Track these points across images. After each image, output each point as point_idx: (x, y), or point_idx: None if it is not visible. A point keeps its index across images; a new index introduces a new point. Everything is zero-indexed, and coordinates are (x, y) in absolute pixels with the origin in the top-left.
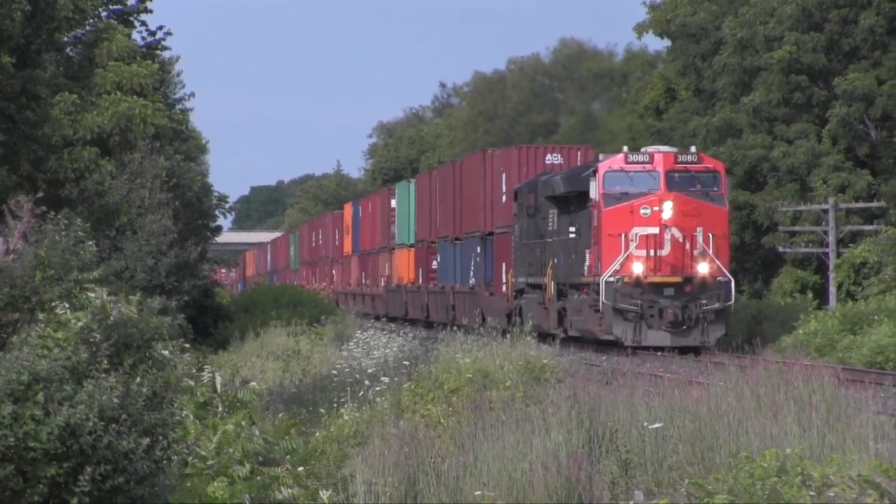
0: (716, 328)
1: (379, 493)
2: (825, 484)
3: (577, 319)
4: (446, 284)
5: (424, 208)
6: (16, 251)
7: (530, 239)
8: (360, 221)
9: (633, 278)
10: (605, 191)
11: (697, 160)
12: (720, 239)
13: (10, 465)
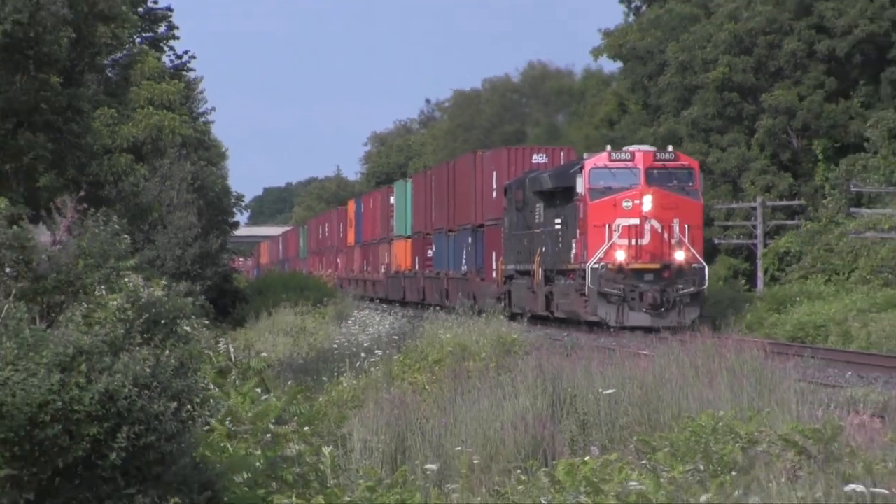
0: (691, 310)
1: (373, 448)
2: (752, 441)
3: (563, 302)
4: (441, 271)
5: (420, 204)
6: (61, 242)
7: (519, 230)
8: (362, 216)
9: (616, 265)
10: (590, 185)
11: (674, 158)
12: (695, 229)
13: (59, 425)
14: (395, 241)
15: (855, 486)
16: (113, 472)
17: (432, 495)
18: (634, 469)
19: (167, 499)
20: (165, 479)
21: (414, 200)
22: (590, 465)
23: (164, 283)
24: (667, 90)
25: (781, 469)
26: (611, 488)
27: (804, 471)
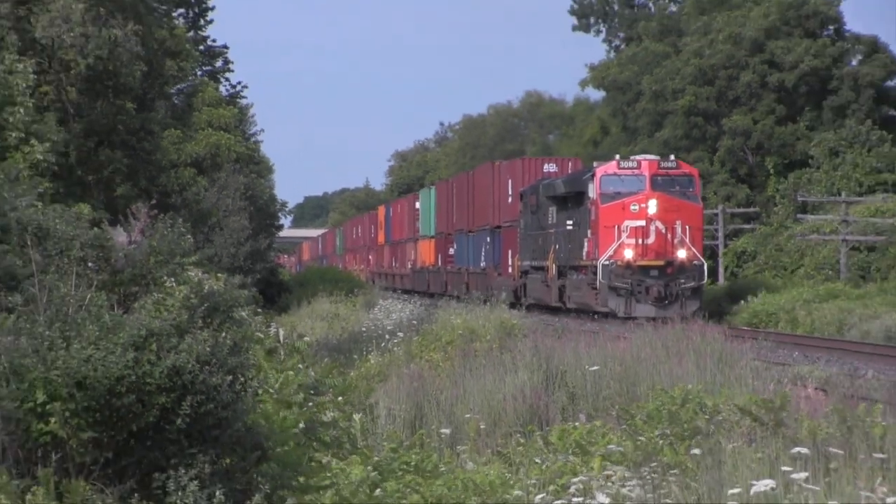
0: (692, 302)
1: (395, 415)
2: (715, 411)
3: (575, 294)
4: (462, 266)
5: (443, 208)
6: (136, 242)
7: (533, 230)
8: (391, 219)
9: (624, 262)
10: (601, 191)
11: (676, 166)
12: (695, 230)
13: (133, 395)
14: (421, 240)
15: (800, 448)
16: (178, 435)
17: (445, 455)
18: (615, 433)
19: (223, 457)
20: (222, 441)
21: (437, 205)
22: (579, 430)
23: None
24: (642, 115)
25: (739, 434)
26: (596, 449)
27: (758, 435)
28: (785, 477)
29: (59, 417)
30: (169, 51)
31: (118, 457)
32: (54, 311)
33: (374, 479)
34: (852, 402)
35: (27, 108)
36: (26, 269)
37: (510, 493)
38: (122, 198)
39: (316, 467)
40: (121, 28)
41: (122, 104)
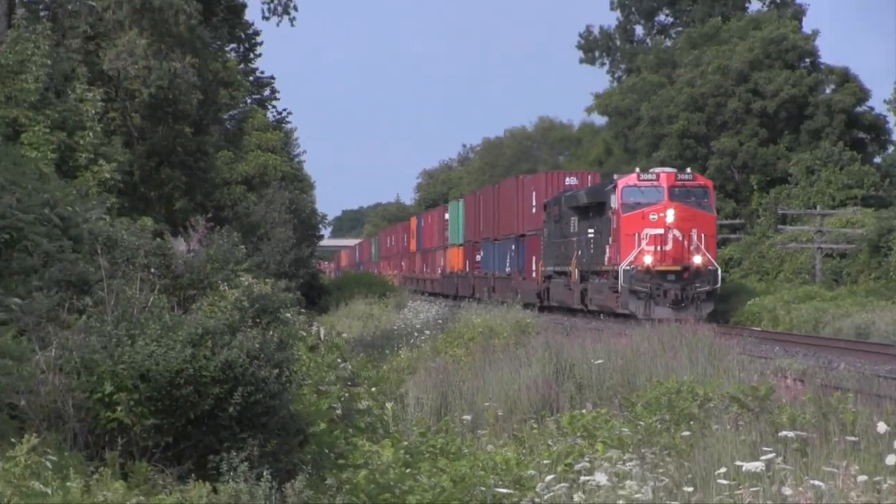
0: (707, 305)
1: (423, 404)
2: (706, 399)
3: (597, 297)
4: (488, 272)
5: (471, 218)
6: (194, 251)
7: (556, 238)
8: (422, 229)
9: (644, 267)
10: (622, 201)
11: (692, 178)
12: (710, 238)
13: (190, 386)
14: (450, 248)
15: (782, 432)
16: (230, 421)
17: (467, 439)
18: (618, 419)
19: (270, 441)
20: (269, 427)
21: (465, 216)
22: (586, 416)
23: (269, 281)
24: (641, 138)
25: (728, 419)
26: (601, 433)
27: (744, 420)
28: (767, 457)
29: (124, 406)
30: (222, 81)
31: (177, 441)
32: (121, 312)
33: (404, 461)
34: (827, 391)
35: (96, 132)
36: (96, 275)
37: (525, 472)
38: (181, 211)
39: (352, 450)
40: (179, 61)
41: (181, 128)
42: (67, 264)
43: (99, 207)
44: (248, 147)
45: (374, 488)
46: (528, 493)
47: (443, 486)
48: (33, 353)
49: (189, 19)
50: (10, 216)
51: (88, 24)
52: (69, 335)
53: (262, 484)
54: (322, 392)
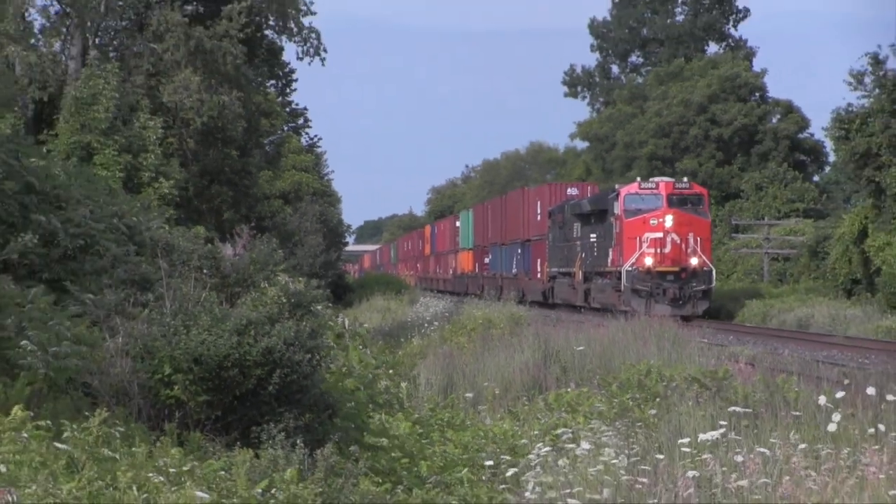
0: (702, 303)
1: (432, 383)
2: (671, 380)
3: (600, 296)
4: (496, 273)
5: (480, 226)
6: (239, 255)
7: (560, 243)
8: (436, 235)
9: (645, 268)
10: (625, 207)
11: (689, 187)
12: (705, 241)
13: (236, 368)
14: (461, 251)
15: (735, 408)
16: (270, 398)
17: (469, 413)
18: (597, 397)
19: (303, 415)
20: (303, 403)
21: (474, 223)
22: (569, 394)
23: (302, 280)
24: (616, 160)
25: (689, 397)
26: (583, 409)
27: (704, 398)
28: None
29: (181, 385)
30: (263, 111)
31: (225, 415)
32: (178, 306)
33: (417, 432)
34: (774, 373)
35: (157, 154)
36: (156, 275)
37: (518, 441)
38: (228, 221)
39: (374, 423)
40: (227, 95)
41: (228, 151)
42: (132, 266)
43: (159, 218)
44: (284, 167)
45: (393, 454)
46: (522, 458)
47: (451, 454)
48: (104, 341)
49: (235, 60)
50: (85, 225)
51: (150, 64)
52: (134, 325)
53: (296, 451)
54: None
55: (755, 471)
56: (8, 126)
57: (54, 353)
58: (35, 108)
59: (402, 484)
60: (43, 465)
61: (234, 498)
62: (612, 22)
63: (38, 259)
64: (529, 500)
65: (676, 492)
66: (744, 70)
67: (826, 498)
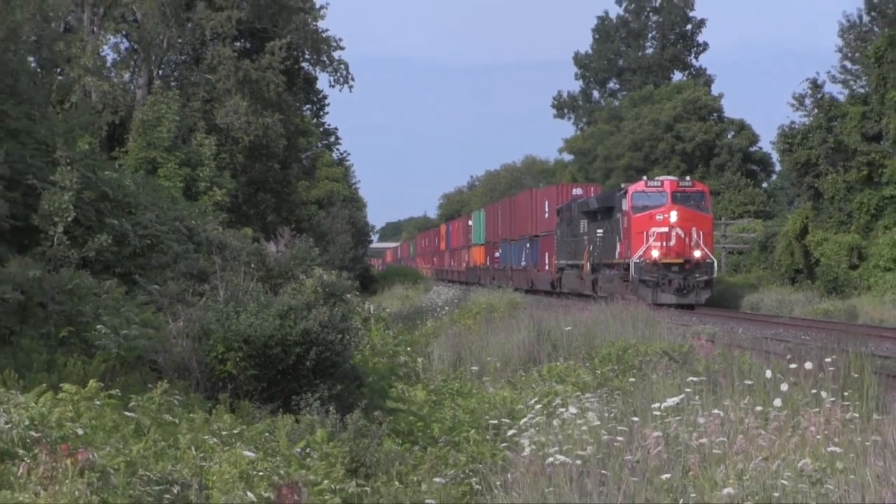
0: (705, 292)
1: (444, 359)
2: (645, 354)
3: (607, 286)
4: (506, 265)
5: (490, 223)
6: (281, 252)
7: (567, 238)
8: (450, 233)
9: (651, 260)
10: (633, 204)
11: (692, 185)
12: (707, 235)
13: (279, 347)
14: (473, 247)
15: (695, 378)
16: (307, 372)
17: (475, 383)
18: (582, 369)
19: (336, 386)
20: (335, 376)
21: (486, 222)
22: (559, 367)
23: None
24: (597, 170)
25: (660, 368)
26: (570, 379)
27: (671, 369)
28: (687, 396)
29: (232, 362)
30: (300, 131)
31: (269, 386)
32: (229, 295)
33: (431, 399)
34: (730, 348)
35: (211, 167)
36: (212, 269)
37: (516, 406)
38: (272, 223)
39: (395, 392)
40: (270, 117)
41: (271, 165)
42: (191, 261)
43: (213, 221)
44: (319, 178)
45: (411, 418)
46: (519, 421)
47: (459, 417)
48: (167, 325)
49: (277, 88)
50: (151, 227)
51: (206, 91)
52: (193, 311)
53: (329, 416)
54: (373, 351)
55: (714, 430)
56: (86, 145)
57: (125, 336)
58: (109, 130)
59: (418, 443)
60: (115, 429)
61: (277, 456)
62: (592, 55)
63: (111, 256)
64: (525, 456)
65: (647, 448)
66: (703, 94)
67: (773, 453)
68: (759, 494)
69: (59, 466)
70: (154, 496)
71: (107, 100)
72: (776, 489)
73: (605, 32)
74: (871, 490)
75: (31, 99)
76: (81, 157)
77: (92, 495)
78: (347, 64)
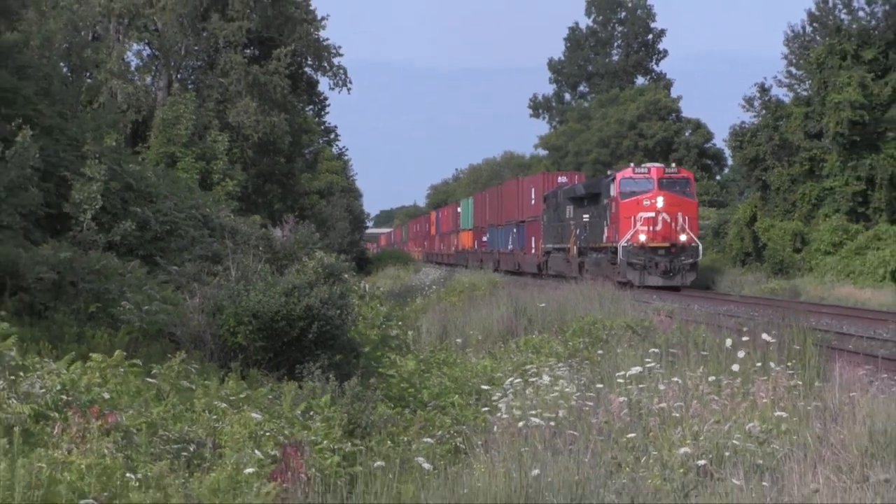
0: (690, 275)
1: (431, 332)
2: (611, 328)
3: (594, 269)
4: (493, 249)
5: (478, 210)
6: (286, 236)
7: (554, 223)
8: (440, 219)
9: (639, 243)
10: (620, 190)
11: (677, 171)
12: (692, 220)
13: (284, 321)
14: (462, 231)
15: (655, 349)
16: (309, 343)
17: (459, 354)
18: (555, 341)
19: (335, 356)
20: (335, 347)
21: (474, 208)
22: (534, 339)
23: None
24: (569, 164)
25: (624, 341)
26: (544, 350)
27: (634, 342)
28: (648, 366)
29: (242, 334)
30: (304, 129)
31: (276, 356)
32: (240, 275)
33: (420, 368)
34: (687, 323)
35: (224, 161)
36: (224, 252)
37: (496, 374)
38: (278, 211)
39: (388, 361)
40: (276, 116)
41: (278, 159)
42: (206, 245)
43: (226, 209)
44: (320, 170)
45: (402, 385)
46: (500, 387)
47: (445, 384)
48: (185, 301)
49: (283, 90)
50: (170, 214)
51: (219, 93)
52: (207, 289)
53: (329, 383)
54: (367, 324)
55: (672, 396)
56: (112, 141)
57: (147, 311)
58: (132, 127)
59: (408, 407)
60: (138, 394)
61: (282, 418)
62: (565, 61)
63: (135, 240)
64: (504, 419)
65: (613, 412)
66: (663, 96)
67: (725, 416)
68: (713, 453)
69: (89, 427)
70: (172, 453)
71: (131, 101)
72: (727, 448)
73: (575, 41)
74: (812, 449)
75: (63, 100)
76: (108, 152)
77: (117, 453)
78: (346, 69)
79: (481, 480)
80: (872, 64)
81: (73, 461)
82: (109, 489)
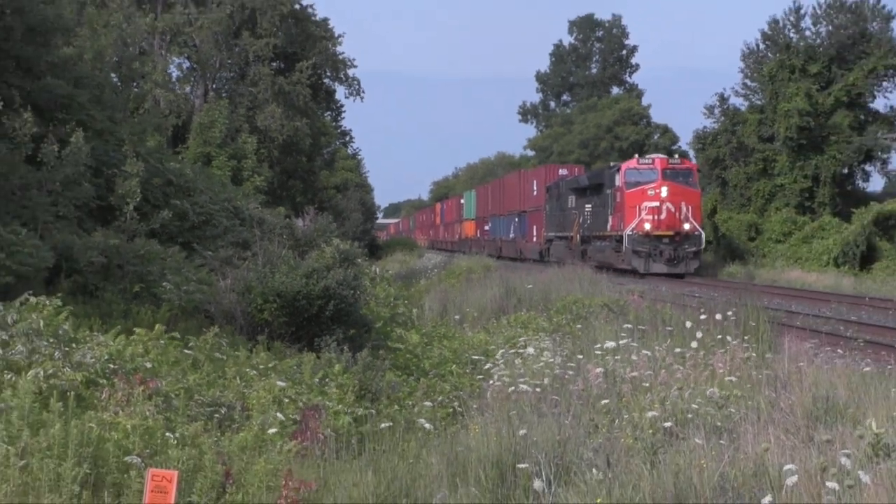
0: (693, 262)
1: (433, 309)
2: (590, 306)
3: (598, 256)
4: (496, 237)
5: (481, 201)
6: (307, 226)
7: (556, 212)
8: (444, 210)
9: (644, 232)
10: (625, 180)
11: (681, 162)
12: (695, 209)
13: (305, 300)
14: (465, 221)
15: (628, 325)
16: (326, 319)
17: (458, 329)
18: (541, 318)
19: (349, 330)
20: (348, 323)
21: (477, 200)
22: (523, 316)
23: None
24: None
25: (601, 317)
26: (531, 326)
27: (610, 318)
28: (622, 340)
29: (268, 311)
30: (322, 132)
31: (297, 330)
32: (266, 259)
33: (423, 341)
34: (656, 302)
35: (252, 160)
36: (253, 239)
37: (490, 347)
38: (300, 204)
39: (395, 335)
40: (299, 121)
41: (300, 158)
42: (237, 233)
43: (254, 202)
44: (337, 168)
45: (407, 356)
46: (492, 358)
47: (445, 355)
48: (218, 282)
49: (305, 98)
50: (206, 206)
51: (249, 101)
52: (238, 272)
53: (343, 354)
54: (378, 302)
55: (643, 366)
56: (156, 142)
57: (185, 291)
58: (173, 131)
59: (412, 375)
60: (176, 364)
61: (302, 385)
62: (550, 73)
63: (174, 228)
64: (496, 385)
65: (591, 380)
66: (636, 104)
67: (688, 384)
68: (677, 416)
69: (133, 392)
70: (206, 415)
71: (172, 107)
72: (690, 412)
73: (559, 56)
74: (764, 412)
75: (112, 106)
76: (149, 152)
77: (158, 415)
78: (359, 80)
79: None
80: (817, 77)
81: (120, 422)
82: (151, 447)
